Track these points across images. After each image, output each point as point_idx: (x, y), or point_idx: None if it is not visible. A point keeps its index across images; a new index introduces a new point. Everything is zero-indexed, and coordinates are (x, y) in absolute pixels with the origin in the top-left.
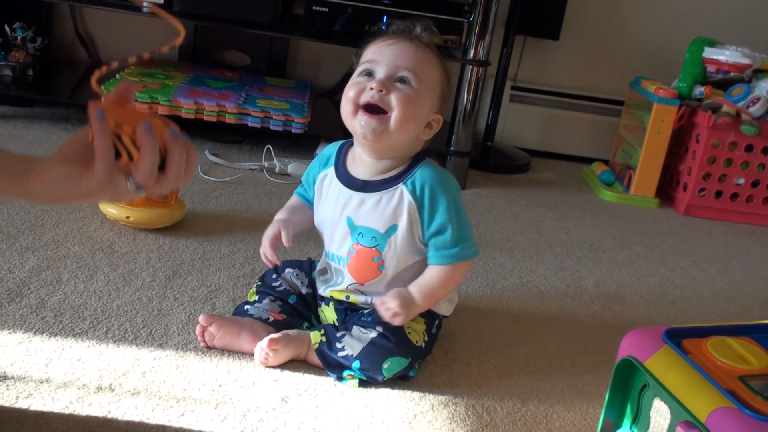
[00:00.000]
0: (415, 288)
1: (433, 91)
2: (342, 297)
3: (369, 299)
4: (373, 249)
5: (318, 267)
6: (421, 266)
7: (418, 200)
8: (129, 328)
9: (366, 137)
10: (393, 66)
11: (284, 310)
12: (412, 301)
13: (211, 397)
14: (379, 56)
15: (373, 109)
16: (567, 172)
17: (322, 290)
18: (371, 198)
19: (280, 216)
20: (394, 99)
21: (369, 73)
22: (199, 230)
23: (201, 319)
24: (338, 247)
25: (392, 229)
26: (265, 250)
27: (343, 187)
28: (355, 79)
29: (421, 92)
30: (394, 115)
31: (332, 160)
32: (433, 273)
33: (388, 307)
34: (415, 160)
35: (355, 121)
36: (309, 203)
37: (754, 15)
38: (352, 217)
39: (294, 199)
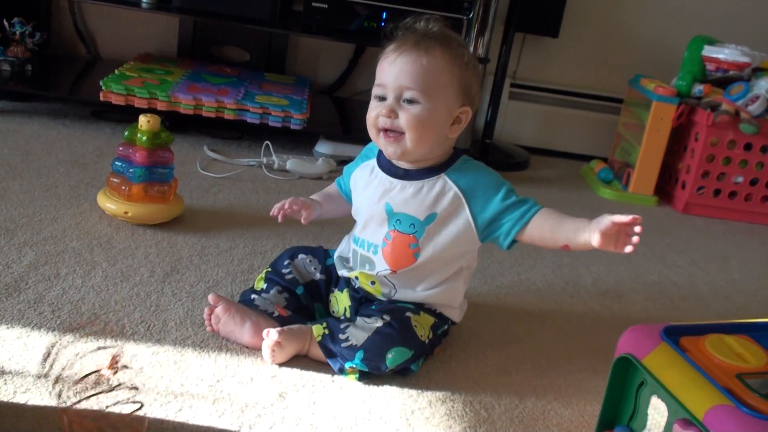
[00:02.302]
0: (574, 223)
1: (446, 93)
2: (368, 281)
3: (393, 292)
4: (411, 236)
5: (337, 254)
6: (453, 265)
7: (466, 189)
8: (127, 323)
9: (391, 157)
10: (397, 88)
11: (290, 303)
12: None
13: (209, 393)
14: (385, 79)
15: (390, 131)
16: (566, 170)
17: (345, 272)
18: (412, 185)
19: (314, 197)
20: (403, 122)
21: (381, 97)
22: (198, 226)
23: (210, 298)
24: (372, 233)
25: (431, 217)
26: (283, 204)
27: (385, 175)
28: (372, 102)
29: (430, 105)
30: (407, 136)
31: (374, 152)
32: (549, 215)
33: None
34: (456, 154)
35: (380, 142)
36: (344, 194)
37: (754, 14)
38: (391, 203)
39: (332, 187)
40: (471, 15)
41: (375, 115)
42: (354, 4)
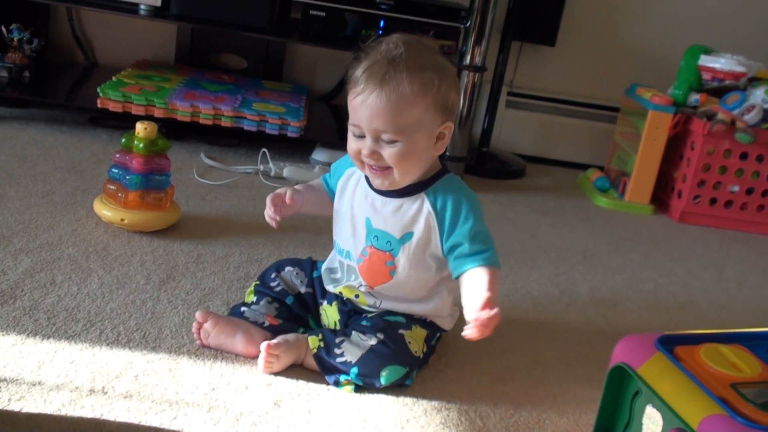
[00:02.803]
0: (480, 291)
1: (423, 123)
2: (351, 295)
3: (378, 303)
4: (387, 253)
5: (325, 265)
6: (432, 279)
7: (439, 211)
8: (122, 330)
9: (380, 187)
10: (372, 130)
11: (280, 313)
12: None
13: (204, 401)
14: (358, 119)
15: (376, 167)
16: (562, 178)
17: (331, 287)
18: (393, 202)
19: (297, 187)
20: (387, 159)
21: (360, 135)
22: (194, 233)
23: (197, 315)
24: (352, 246)
25: (407, 236)
26: (267, 207)
27: (368, 187)
28: (350, 136)
29: (409, 140)
30: (395, 171)
31: None
32: (481, 276)
33: (488, 322)
34: (439, 172)
35: (366, 172)
36: (329, 191)
37: (750, 23)
38: (371, 219)
39: (316, 181)
40: (468, 24)
41: (357, 149)
42: (351, 12)
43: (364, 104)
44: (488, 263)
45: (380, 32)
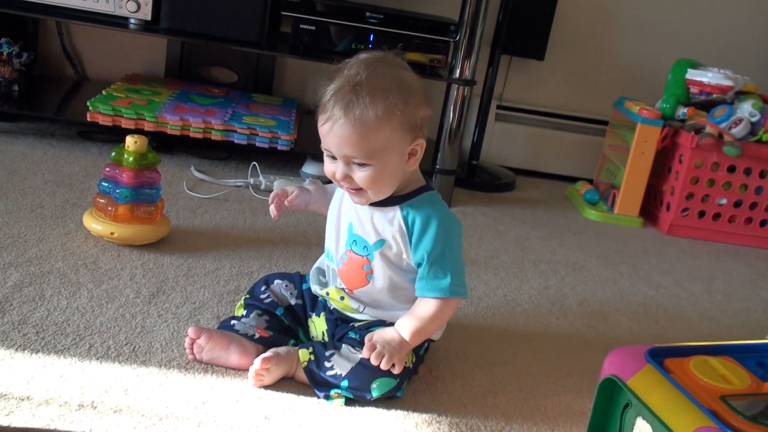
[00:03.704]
0: (404, 325)
1: (391, 145)
2: (337, 297)
3: (361, 307)
4: (364, 258)
5: (315, 265)
6: (412, 288)
7: (409, 227)
8: (112, 344)
9: (358, 204)
10: (342, 156)
11: (271, 325)
12: (403, 343)
13: (194, 415)
14: (328, 146)
15: (351, 188)
16: (552, 191)
17: (318, 288)
18: (370, 210)
19: (307, 185)
20: (359, 182)
21: (333, 157)
22: (184, 247)
23: (190, 331)
24: (336, 249)
25: (380, 243)
26: (271, 198)
27: None
28: (325, 157)
29: (380, 163)
30: (368, 192)
31: None
32: (423, 308)
33: (383, 358)
34: (421, 189)
35: (343, 189)
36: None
37: (737, 38)
38: (353, 223)
39: (330, 185)
40: (457, 38)
41: (332, 171)
42: (341, 26)
43: (331, 132)
44: (438, 294)
45: (370, 45)
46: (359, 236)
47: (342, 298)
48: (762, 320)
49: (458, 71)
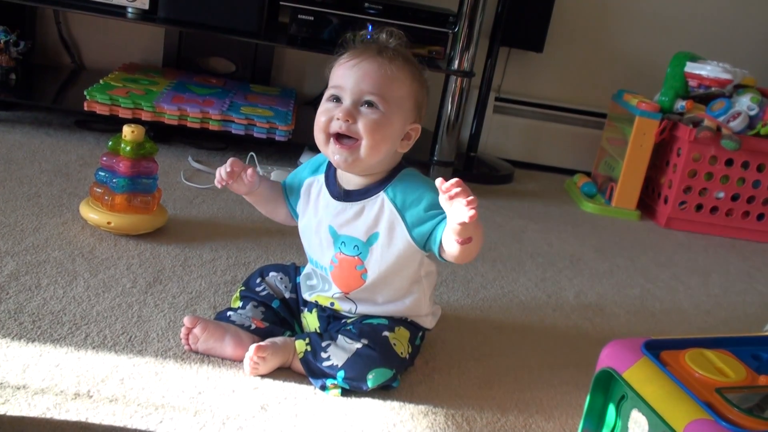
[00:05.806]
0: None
1: (403, 106)
2: (326, 303)
3: (354, 308)
4: (356, 258)
5: (304, 272)
6: (406, 278)
7: (398, 204)
8: (108, 334)
9: (340, 166)
10: (357, 91)
11: (267, 317)
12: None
13: (190, 405)
14: (344, 81)
15: (343, 138)
16: (549, 184)
17: (307, 295)
18: (353, 207)
19: (259, 172)
20: (361, 127)
21: (337, 99)
22: (181, 237)
23: (186, 320)
24: (321, 255)
25: (374, 237)
26: (226, 166)
27: (329, 196)
28: (324, 105)
29: (389, 113)
30: (363, 143)
31: (323, 167)
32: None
33: (465, 198)
34: (396, 169)
35: (328, 150)
36: (285, 196)
37: (736, 31)
38: (334, 226)
39: (277, 183)
40: (456, 29)
41: (327, 119)
42: (339, 16)
43: (356, 66)
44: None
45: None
46: (347, 236)
47: (332, 303)
48: (758, 313)
49: (457, 62)
